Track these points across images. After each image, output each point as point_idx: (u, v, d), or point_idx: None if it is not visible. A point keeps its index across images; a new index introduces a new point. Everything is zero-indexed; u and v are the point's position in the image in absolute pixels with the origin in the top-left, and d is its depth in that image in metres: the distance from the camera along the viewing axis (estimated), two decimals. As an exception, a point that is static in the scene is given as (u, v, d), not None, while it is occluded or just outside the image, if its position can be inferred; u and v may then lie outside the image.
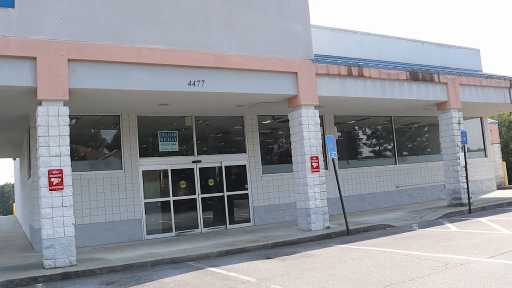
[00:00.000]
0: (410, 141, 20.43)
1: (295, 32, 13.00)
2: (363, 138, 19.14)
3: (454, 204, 16.13)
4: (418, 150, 20.39)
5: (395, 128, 19.30)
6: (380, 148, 19.27)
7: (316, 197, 12.69)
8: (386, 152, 19.25)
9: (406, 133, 20.19)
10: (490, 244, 8.98)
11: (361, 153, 18.82)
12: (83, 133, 13.62)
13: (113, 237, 13.05)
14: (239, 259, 9.83)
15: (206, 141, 15.49)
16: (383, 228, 13.05)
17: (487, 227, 11.48)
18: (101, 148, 13.86)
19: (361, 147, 19.01)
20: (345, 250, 9.78)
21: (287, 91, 12.78)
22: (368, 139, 19.21)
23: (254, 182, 15.32)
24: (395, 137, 19.16)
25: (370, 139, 19.22)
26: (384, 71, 14.53)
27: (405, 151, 19.82)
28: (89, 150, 13.65)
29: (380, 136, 19.33)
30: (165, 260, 9.96)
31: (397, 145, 19.28)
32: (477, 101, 17.15)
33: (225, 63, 11.76)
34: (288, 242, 11.44)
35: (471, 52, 21.41)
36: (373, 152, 19.05)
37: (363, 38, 18.17)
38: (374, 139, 19.26)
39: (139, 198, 13.48)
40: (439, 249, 8.94)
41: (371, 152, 18.99)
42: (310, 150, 12.78)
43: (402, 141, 19.79)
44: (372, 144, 19.18)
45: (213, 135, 15.93)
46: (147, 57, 10.83)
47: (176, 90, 11.27)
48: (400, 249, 9.24)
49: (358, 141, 19.03)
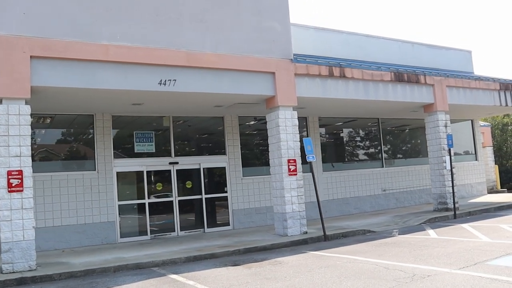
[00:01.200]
0: (398, 144, 20.03)
1: (273, 30, 12.61)
2: (349, 140, 18.75)
3: (440, 209, 15.72)
4: (406, 153, 19.98)
5: (382, 131, 18.90)
6: (366, 150, 18.87)
7: (293, 201, 12.29)
8: (373, 155, 18.84)
9: (394, 135, 19.79)
10: (465, 253, 8.58)
11: (347, 155, 18.44)
12: (56, 133, 13.25)
13: (85, 240, 12.67)
14: (205, 265, 9.45)
15: (184, 142, 15.10)
16: (362, 233, 12.64)
17: (468, 234, 11.07)
18: (75, 148, 13.46)
19: (347, 149, 18.64)
20: (315, 258, 9.39)
21: (264, 91, 12.39)
22: (355, 142, 18.82)
23: (234, 184, 14.93)
24: (382, 140, 18.74)
25: (357, 142, 18.83)
26: (367, 72, 14.14)
27: (393, 154, 19.42)
28: (62, 150, 13.25)
29: (367, 138, 18.93)
30: (129, 265, 9.59)
31: (385, 148, 18.88)
32: (465, 104, 16.73)
33: (198, 62, 11.38)
34: (261, 248, 11.04)
35: (462, 53, 20.99)
36: (359, 155, 18.65)
37: (349, 38, 17.77)
38: (360, 141, 18.87)
39: (113, 200, 13.10)
40: (411, 258, 8.54)
41: (357, 155, 18.59)
42: (287, 153, 12.39)
43: (389, 144, 19.40)
44: (358, 147, 18.79)
45: (192, 136, 15.54)
46: (115, 55, 10.45)
47: (145, 89, 10.89)
48: (371, 258, 8.85)
49: (344, 143, 18.64)
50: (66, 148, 13.30)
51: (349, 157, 18.36)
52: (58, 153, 13.15)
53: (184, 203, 14.23)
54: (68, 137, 13.44)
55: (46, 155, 12.97)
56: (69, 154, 13.26)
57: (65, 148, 13.29)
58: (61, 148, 13.27)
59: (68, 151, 13.28)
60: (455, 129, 20.98)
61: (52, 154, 13.04)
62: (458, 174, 20.28)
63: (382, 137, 18.74)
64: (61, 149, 13.26)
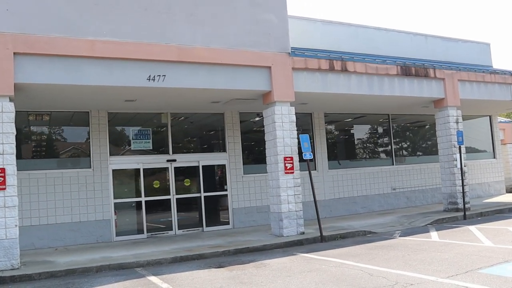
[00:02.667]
0: (410, 141, 19.24)
1: (269, 23, 12.15)
2: (357, 137, 18.11)
3: (450, 209, 14.97)
4: (418, 150, 19.17)
5: (393, 127, 18.18)
6: (376, 148, 18.20)
7: (289, 200, 11.85)
8: (383, 152, 18.15)
9: (405, 132, 19.02)
10: (461, 259, 7.98)
11: (354, 153, 17.81)
12: (53, 130, 13.18)
13: (80, 238, 12.57)
14: (190, 266, 9.15)
15: (183, 139, 14.83)
16: (362, 235, 12.10)
17: (471, 237, 10.39)
18: (70, 145, 13.36)
19: (355, 146, 18.01)
20: (303, 261, 8.95)
21: (260, 86, 11.97)
22: (363, 139, 18.17)
23: (234, 182, 14.57)
24: (392, 137, 18.03)
25: (365, 139, 18.18)
26: (371, 66, 13.52)
27: (404, 151, 18.67)
28: (57, 148, 13.19)
29: (377, 135, 18.25)
30: (112, 265, 9.37)
31: (395, 145, 18.16)
32: (479, 99, 15.88)
33: (189, 57, 11.05)
34: (252, 249, 10.66)
35: (480, 46, 19.98)
36: (368, 152, 18.01)
37: (358, 31, 17.12)
38: (369, 138, 18.21)
39: (108, 198, 12.95)
40: (401, 263, 8.00)
41: (366, 152, 17.95)
42: (283, 150, 11.94)
43: (400, 141, 18.66)
44: (367, 144, 18.14)
45: (191, 133, 15.26)
46: (102, 51, 10.23)
47: (133, 85, 10.65)
48: (361, 262, 8.35)
49: (352, 140, 18.01)
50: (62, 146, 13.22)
51: (357, 155, 17.73)
52: (55, 151, 13.08)
53: (182, 201, 13.97)
54: (64, 134, 13.34)
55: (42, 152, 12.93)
56: (65, 151, 13.17)
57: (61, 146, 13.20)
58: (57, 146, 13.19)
59: (63, 149, 13.18)
60: (472, 125, 20.13)
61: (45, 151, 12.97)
62: (474, 173, 19.41)
63: (392, 134, 18.01)
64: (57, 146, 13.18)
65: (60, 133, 13.27)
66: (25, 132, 12.69)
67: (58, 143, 13.24)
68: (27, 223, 11.98)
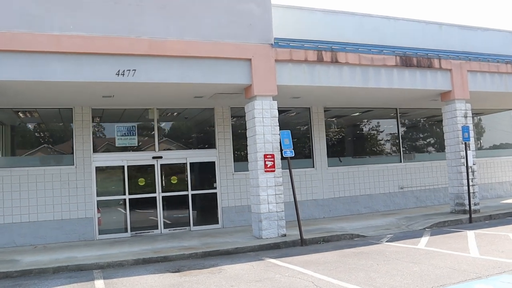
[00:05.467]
0: (421, 137, 18.00)
1: (250, 13, 11.48)
2: (361, 133, 17.13)
3: (458, 210, 13.81)
4: (429, 147, 17.90)
5: (401, 122, 17.05)
6: (382, 144, 17.12)
7: (269, 200, 11.19)
8: (390, 149, 17.06)
9: (415, 127, 17.82)
10: (431, 272, 7.13)
11: (358, 149, 16.82)
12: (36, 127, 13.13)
13: (62, 236, 12.43)
14: (146, 270, 8.75)
15: (170, 135, 14.43)
16: (349, 238, 11.27)
17: (462, 245, 9.37)
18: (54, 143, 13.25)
19: (358, 143, 17.02)
20: (263, 267, 8.33)
21: (240, 80, 11.34)
22: (368, 134, 17.16)
23: (224, 180, 14.03)
24: (400, 132, 16.89)
25: (370, 134, 17.15)
26: (365, 56, 12.58)
27: (413, 148, 17.48)
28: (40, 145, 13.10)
29: (383, 131, 17.16)
30: (70, 267, 9.10)
31: (404, 142, 17.02)
32: (492, 91, 14.53)
33: (161, 50, 10.58)
34: (223, 252, 10.12)
35: (502, 34, 18.37)
36: (373, 149, 16.94)
37: (363, 21, 16.11)
38: (375, 134, 17.16)
39: (91, 196, 12.74)
40: (362, 275, 7.23)
41: (371, 149, 16.89)
42: (264, 147, 11.28)
43: (409, 137, 17.49)
44: (372, 140, 17.10)
45: (179, 129, 14.82)
46: (69, 46, 9.93)
47: (102, 80, 10.30)
48: (320, 272, 7.64)
49: (355, 136, 17.05)
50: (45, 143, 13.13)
51: (360, 151, 16.74)
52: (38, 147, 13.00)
53: (169, 199, 13.58)
54: (47, 131, 13.25)
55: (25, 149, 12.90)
56: (47, 148, 13.07)
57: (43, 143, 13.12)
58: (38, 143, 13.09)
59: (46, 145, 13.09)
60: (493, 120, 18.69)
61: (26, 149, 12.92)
62: (495, 171, 18.01)
63: (399, 129, 16.88)
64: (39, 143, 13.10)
65: (44, 130, 13.19)
66: (6, 129, 12.68)
67: (41, 140, 13.16)
68: (8, 220, 11.98)
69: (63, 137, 13.22)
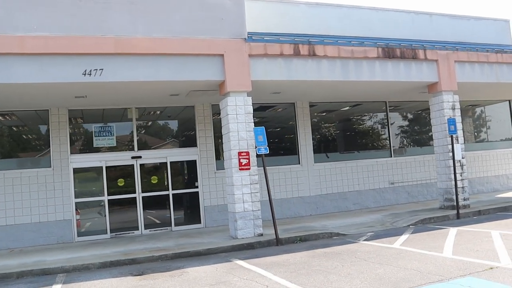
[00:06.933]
0: (412, 130, 17.50)
1: (222, 7, 11.16)
2: (349, 127, 16.70)
3: (446, 206, 13.35)
4: (421, 141, 17.38)
5: (392, 115, 16.58)
6: (371, 139, 16.68)
7: (244, 199, 10.89)
8: (379, 143, 16.61)
9: (405, 120, 17.32)
10: (394, 274, 6.79)
11: (346, 145, 16.42)
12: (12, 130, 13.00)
13: (40, 239, 12.31)
14: (110, 273, 8.56)
15: (150, 134, 14.20)
16: (328, 237, 10.94)
17: (438, 244, 8.95)
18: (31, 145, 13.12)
19: (346, 138, 16.60)
20: (227, 270, 8.06)
21: (212, 76, 11.05)
22: (356, 129, 16.73)
23: (206, 179, 13.77)
24: (390, 126, 16.43)
25: (359, 129, 16.73)
26: (345, 49, 12.18)
27: (404, 142, 17.01)
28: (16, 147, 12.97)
29: (372, 125, 16.72)
30: (34, 271, 8.93)
31: (394, 135, 16.56)
32: (482, 81, 14.00)
33: (129, 48, 10.33)
34: (194, 253, 9.87)
35: (497, 24, 17.70)
36: (362, 143, 16.49)
37: (350, 12, 15.63)
38: (363, 128, 16.73)
39: (69, 198, 12.59)
40: (322, 278, 6.92)
41: (359, 144, 16.43)
42: (238, 145, 10.98)
43: (400, 130, 17.00)
44: (360, 135, 16.67)
45: (159, 128, 14.58)
46: (32, 47, 9.73)
47: (68, 81, 10.09)
48: (280, 275, 7.34)
49: (343, 131, 16.62)
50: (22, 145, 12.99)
51: (349, 147, 16.33)
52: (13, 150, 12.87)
53: (149, 199, 13.38)
54: (23, 134, 13.12)
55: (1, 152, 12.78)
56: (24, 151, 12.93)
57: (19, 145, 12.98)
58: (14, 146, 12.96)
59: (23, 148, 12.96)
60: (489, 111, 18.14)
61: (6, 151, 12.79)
62: (491, 164, 17.46)
63: (389, 123, 16.43)
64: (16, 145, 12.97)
65: (20, 132, 13.06)
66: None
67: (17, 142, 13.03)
68: (-15, 224, 11.89)
69: (41, 139, 13.07)
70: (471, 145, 17.87)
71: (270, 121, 15.48)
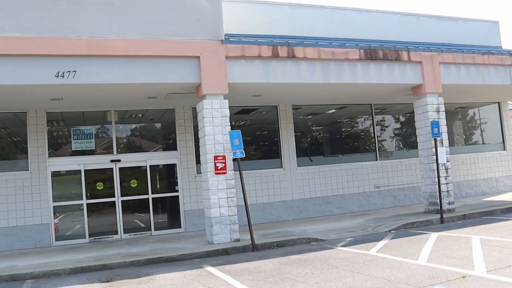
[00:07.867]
0: (398, 133, 17.31)
1: (198, 8, 10.99)
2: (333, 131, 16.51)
3: (431, 210, 13.15)
4: (408, 144, 17.18)
5: (375, 118, 16.36)
6: (356, 142, 16.48)
7: (221, 204, 10.70)
8: (364, 146, 16.41)
9: (391, 123, 17.11)
10: (362, 284, 6.57)
11: (330, 148, 16.22)
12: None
13: (17, 243, 12.11)
14: (78, 280, 8.38)
15: (129, 138, 14.00)
16: (306, 242, 10.73)
17: (416, 250, 8.74)
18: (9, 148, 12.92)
19: (330, 141, 16.40)
20: (195, 277, 7.87)
21: (188, 79, 10.86)
22: (341, 132, 16.54)
23: (186, 183, 13.57)
24: (375, 129, 16.22)
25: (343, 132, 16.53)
26: (326, 50, 11.99)
27: (390, 145, 16.81)
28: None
29: (357, 128, 16.53)
30: (3, 277, 8.75)
31: (379, 138, 16.36)
32: (468, 83, 13.80)
33: (102, 50, 10.16)
34: (168, 259, 9.67)
35: (486, 25, 17.50)
36: (346, 147, 16.28)
37: (334, 13, 15.45)
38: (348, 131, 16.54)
39: (47, 201, 12.40)
40: (286, 285, 6.72)
41: (343, 147, 16.22)
42: (214, 148, 10.79)
43: (386, 134, 16.79)
44: (345, 138, 16.46)
45: (139, 131, 14.39)
46: (3, 48, 9.57)
47: (41, 83, 9.92)
48: (245, 284, 7.13)
49: (327, 134, 16.43)
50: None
51: (333, 150, 16.13)
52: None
53: (128, 203, 13.20)
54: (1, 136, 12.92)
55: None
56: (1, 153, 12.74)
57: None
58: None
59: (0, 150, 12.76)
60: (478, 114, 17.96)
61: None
62: (480, 167, 17.28)
63: (375, 126, 16.23)
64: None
65: None
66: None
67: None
68: (-41, 228, 11.69)
69: (19, 142, 12.88)
70: (460, 147, 17.69)
71: (253, 125, 15.32)
